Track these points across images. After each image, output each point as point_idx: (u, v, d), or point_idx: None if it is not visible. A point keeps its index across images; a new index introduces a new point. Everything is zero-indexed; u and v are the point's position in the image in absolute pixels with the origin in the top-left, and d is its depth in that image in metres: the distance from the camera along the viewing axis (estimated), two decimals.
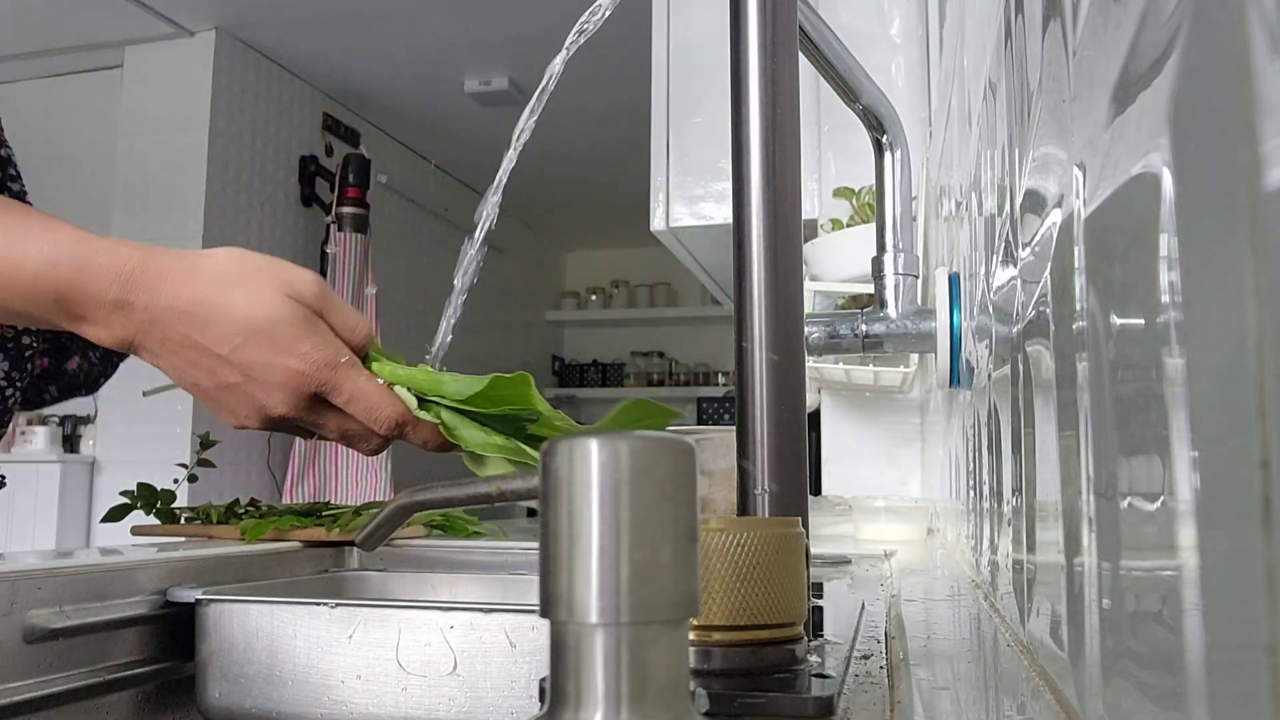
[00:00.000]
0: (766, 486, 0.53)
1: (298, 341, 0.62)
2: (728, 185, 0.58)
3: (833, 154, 1.80)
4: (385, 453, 3.83)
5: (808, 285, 1.39)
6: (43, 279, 0.61)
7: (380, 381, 0.65)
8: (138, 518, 1.20)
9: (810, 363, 1.37)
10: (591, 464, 0.27)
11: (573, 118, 4.24)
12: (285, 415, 0.64)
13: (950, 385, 0.96)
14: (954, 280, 0.94)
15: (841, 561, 1.04)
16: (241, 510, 1.19)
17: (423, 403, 0.65)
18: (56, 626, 0.77)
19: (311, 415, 0.65)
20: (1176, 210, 0.22)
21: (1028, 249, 0.46)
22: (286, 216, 3.98)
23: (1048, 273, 0.40)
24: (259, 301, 0.63)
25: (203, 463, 1.32)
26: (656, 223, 1.94)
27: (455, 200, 5.13)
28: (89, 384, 0.99)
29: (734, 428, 0.56)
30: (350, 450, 3.89)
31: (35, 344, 0.91)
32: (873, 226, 1.06)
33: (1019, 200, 0.49)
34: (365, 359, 0.67)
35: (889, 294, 1.03)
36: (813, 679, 0.43)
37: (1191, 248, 0.21)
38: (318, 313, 0.65)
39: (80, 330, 0.63)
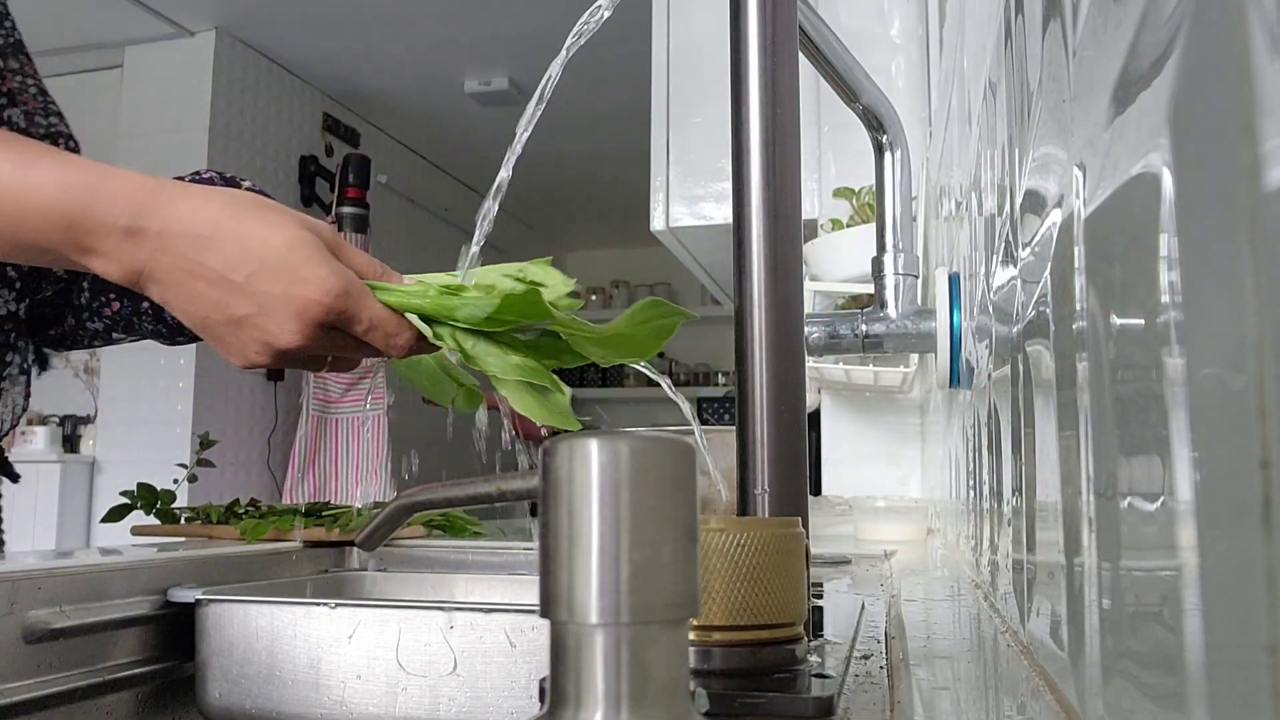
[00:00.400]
0: (766, 486, 0.53)
1: (314, 266, 0.61)
2: (728, 185, 0.58)
3: (833, 154, 1.80)
4: (385, 453, 3.82)
5: (808, 285, 1.39)
6: (54, 206, 0.59)
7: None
8: (138, 518, 1.20)
9: (810, 363, 1.37)
10: (591, 464, 0.27)
11: (573, 118, 4.24)
12: (298, 346, 0.63)
13: (950, 385, 0.96)
14: (954, 280, 0.94)
15: (841, 561, 1.04)
16: (241, 510, 1.19)
17: (434, 325, 0.64)
18: (56, 626, 0.77)
19: (325, 346, 0.64)
20: (1176, 210, 0.22)
21: (1028, 249, 0.46)
22: None
23: (1048, 273, 0.40)
24: (275, 226, 0.61)
25: (203, 463, 1.32)
26: (656, 223, 1.94)
27: (455, 200, 5.12)
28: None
29: (734, 428, 0.56)
30: (350, 450, 3.87)
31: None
32: (873, 226, 1.06)
33: (1019, 200, 0.49)
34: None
35: (889, 294, 1.03)
36: (813, 679, 0.43)
37: (1191, 248, 0.21)
38: (330, 247, 0.64)
39: (89, 264, 0.62)
